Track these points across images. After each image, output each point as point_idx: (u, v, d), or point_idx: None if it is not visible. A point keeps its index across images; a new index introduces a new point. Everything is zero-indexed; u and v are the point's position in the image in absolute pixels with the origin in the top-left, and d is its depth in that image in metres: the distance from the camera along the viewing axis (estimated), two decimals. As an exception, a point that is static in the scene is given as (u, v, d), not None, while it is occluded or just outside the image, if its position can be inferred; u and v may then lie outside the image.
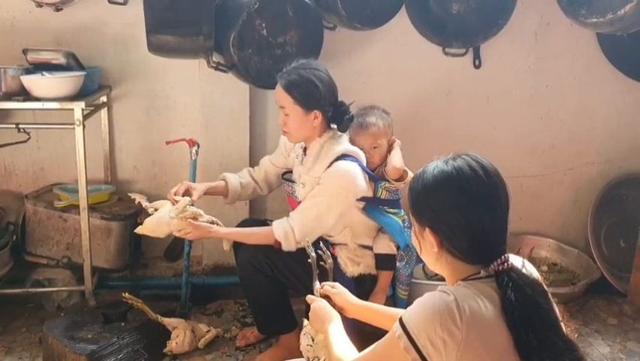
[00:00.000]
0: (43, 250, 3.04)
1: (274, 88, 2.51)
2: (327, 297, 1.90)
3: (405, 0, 3.02)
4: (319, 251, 2.04)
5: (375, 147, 2.63)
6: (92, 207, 2.90)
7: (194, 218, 2.46)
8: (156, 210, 2.49)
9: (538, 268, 3.40)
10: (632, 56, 3.29)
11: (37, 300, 3.08)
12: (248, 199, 3.03)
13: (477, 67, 3.35)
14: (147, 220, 2.45)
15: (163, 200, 2.54)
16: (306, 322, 1.86)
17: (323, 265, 2.00)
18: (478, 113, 3.46)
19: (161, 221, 2.43)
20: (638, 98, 3.52)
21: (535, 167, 3.60)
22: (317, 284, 1.93)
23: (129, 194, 2.68)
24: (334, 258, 2.53)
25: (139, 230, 2.47)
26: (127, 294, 2.65)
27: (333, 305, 1.84)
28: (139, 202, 2.56)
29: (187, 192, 2.60)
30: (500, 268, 1.38)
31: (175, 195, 2.55)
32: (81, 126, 2.69)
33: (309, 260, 1.98)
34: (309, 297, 1.88)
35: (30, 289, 2.97)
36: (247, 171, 2.86)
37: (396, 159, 2.58)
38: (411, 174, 2.55)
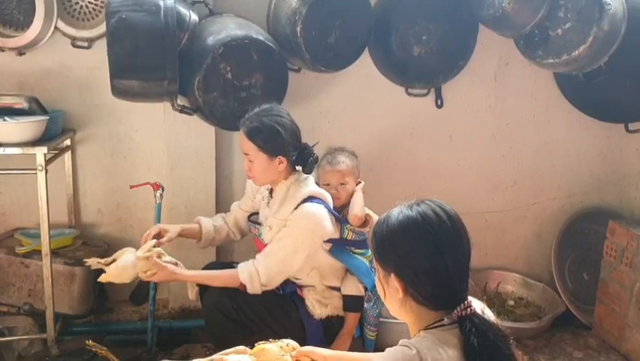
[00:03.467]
0: (3, 298, 2.95)
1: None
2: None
3: (368, 43, 3.07)
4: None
5: (342, 184, 2.69)
6: (55, 252, 2.85)
7: (159, 257, 2.44)
8: (114, 260, 2.46)
9: (504, 302, 3.47)
10: (588, 94, 3.37)
11: (-4, 350, 2.98)
12: (222, 244, 3.01)
13: (439, 106, 3.41)
14: (111, 267, 2.42)
15: (120, 250, 2.51)
16: None
17: None
18: (441, 152, 3.52)
19: (126, 265, 2.41)
20: (595, 135, 3.62)
21: (498, 203, 3.65)
22: None
23: (83, 260, 2.59)
24: (302, 300, 2.53)
25: (102, 278, 2.43)
26: (90, 341, 2.58)
27: None
28: (97, 264, 2.50)
29: (159, 235, 2.59)
30: (464, 313, 1.40)
31: (148, 238, 2.54)
32: (43, 171, 2.66)
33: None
34: None
35: (-11, 339, 2.88)
36: (220, 216, 2.87)
37: (356, 207, 2.61)
38: (375, 217, 2.57)
